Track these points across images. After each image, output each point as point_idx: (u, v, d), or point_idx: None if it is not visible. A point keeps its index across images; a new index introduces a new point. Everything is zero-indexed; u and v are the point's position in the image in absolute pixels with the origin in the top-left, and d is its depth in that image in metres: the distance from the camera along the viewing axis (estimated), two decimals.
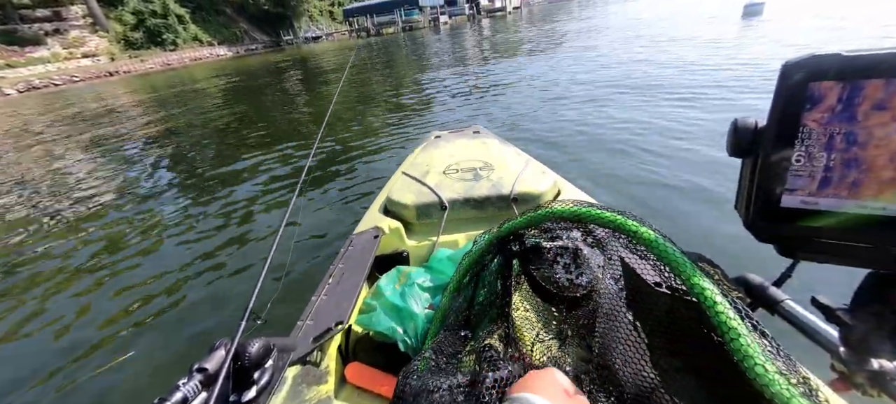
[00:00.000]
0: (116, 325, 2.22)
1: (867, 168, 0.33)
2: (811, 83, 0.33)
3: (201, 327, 2.11)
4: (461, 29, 30.16)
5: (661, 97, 4.91)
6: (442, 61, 12.49)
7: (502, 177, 1.52)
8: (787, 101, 0.35)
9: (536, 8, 55.74)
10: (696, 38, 8.85)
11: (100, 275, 2.78)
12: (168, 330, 2.13)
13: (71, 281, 2.75)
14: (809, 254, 0.40)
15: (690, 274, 0.47)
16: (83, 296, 2.54)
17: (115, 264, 2.89)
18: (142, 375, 1.85)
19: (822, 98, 0.33)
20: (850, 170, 0.33)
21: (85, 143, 7.26)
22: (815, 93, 0.33)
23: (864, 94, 0.32)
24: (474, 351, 0.65)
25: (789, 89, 0.34)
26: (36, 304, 2.54)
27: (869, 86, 0.32)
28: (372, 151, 4.68)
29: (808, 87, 0.33)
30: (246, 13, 45.70)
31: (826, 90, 0.33)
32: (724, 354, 0.42)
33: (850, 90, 0.32)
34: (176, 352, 1.96)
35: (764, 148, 0.37)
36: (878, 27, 7.22)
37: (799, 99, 0.34)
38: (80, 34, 31.90)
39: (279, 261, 0.83)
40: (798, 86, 0.34)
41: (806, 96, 0.34)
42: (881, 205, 0.33)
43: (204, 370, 0.57)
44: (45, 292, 2.66)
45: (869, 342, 0.41)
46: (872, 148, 0.32)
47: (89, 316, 2.35)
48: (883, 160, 0.32)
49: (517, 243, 0.69)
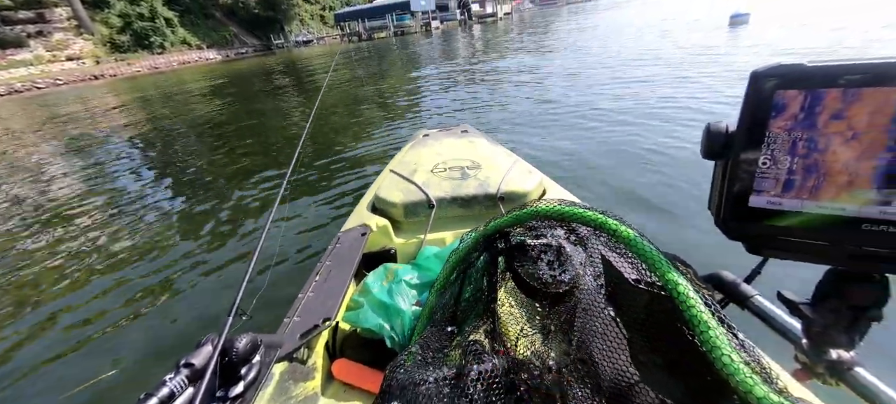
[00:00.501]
0: (103, 321, 2.20)
1: (826, 173, 0.35)
2: (777, 91, 0.35)
3: (188, 323, 2.11)
4: (453, 34, 30.34)
5: (650, 100, 5.01)
6: (432, 64, 12.55)
7: (489, 176, 1.53)
8: (755, 108, 0.37)
9: (527, 14, 56.35)
10: (685, 45, 9.04)
11: (84, 272, 2.74)
12: (154, 326, 2.12)
13: (57, 278, 2.72)
14: (774, 251, 0.42)
15: (665, 270, 0.49)
16: (69, 294, 2.51)
17: (100, 262, 2.85)
18: (128, 370, 1.84)
19: (786, 106, 0.35)
20: (810, 174, 0.36)
21: (67, 145, 7.12)
22: (780, 101, 0.35)
23: (824, 103, 0.34)
24: (460, 345, 0.66)
25: (757, 96, 0.36)
26: (22, 301, 2.51)
27: (828, 95, 0.34)
28: (360, 149, 4.69)
29: (774, 95, 0.36)
30: (236, 17, 45.33)
31: (790, 99, 0.35)
32: (696, 348, 0.44)
33: (812, 99, 0.34)
34: (162, 348, 1.95)
35: (734, 151, 0.39)
36: (859, 35, 7.47)
37: (766, 106, 0.36)
38: (64, 37, 31.27)
39: (266, 258, 0.83)
40: (765, 93, 0.36)
41: (772, 104, 0.36)
42: (839, 205, 0.35)
43: (191, 365, 0.57)
44: (32, 289, 2.63)
45: (828, 334, 0.43)
46: (830, 154, 0.35)
47: (75, 313, 2.32)
48: (840, 166, 0.34)
49: (503, 241, 0.70)
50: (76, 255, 3.01)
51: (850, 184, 0.34)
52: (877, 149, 0.33)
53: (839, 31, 8.20)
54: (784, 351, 0.52)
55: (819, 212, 0.36)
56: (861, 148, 0.34)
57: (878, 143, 0.33)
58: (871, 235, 0.35)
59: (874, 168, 0.33)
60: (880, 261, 0.37)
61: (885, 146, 0.33)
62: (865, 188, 0.34)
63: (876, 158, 0.33)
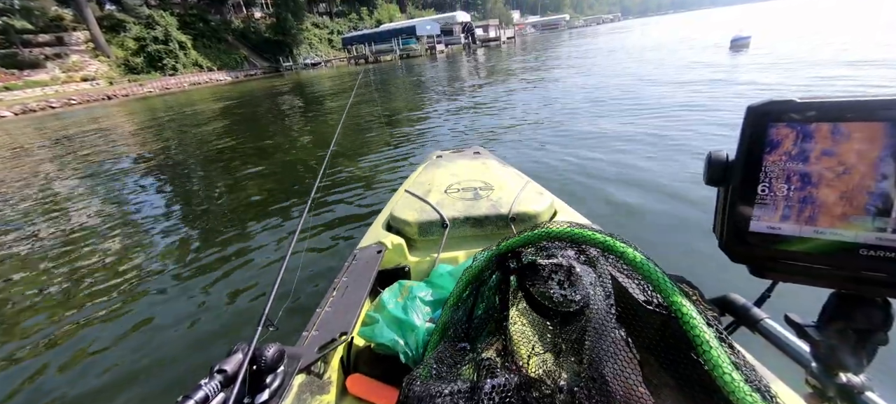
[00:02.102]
0: (139, 335, 2.31)
1: (820, 204, 0.37)
2: (770, 126, 0.37)
3: (219, 330, 2.24)
4: (457, 58, 30.93)
5: (656, 122, 5.06)
6: (440, 87, 12.81)
7: (501, 197, 1.56)
8: (751, 141, 0.39)
9: (529, 38, 57.59)
10: (690, 68, 9.19)
11: (122, 287, 2.88)
12: (191, 333, 2.24)
13: (102, 290, 2.84)
14: (777, 274, 0.43)
15: (670, 292, 0.51)
16: (108, 308, 2.62)
17: (135, 279, 2.98)
18: (165, 373, 1.97)
19: (780, 143, 0.37)
20: (805, 205, 0.37)
21: (93, 163, 7.27)
22: (774, 138, 0.37)
23: (814, 138, 0.36)
24: (473, 361, 0.68)
25: (752, 129, 0.39)
26: (69, 307, 2.66)
27: (819, 130, 0.36)
28: (374, 169, 4.80)
29: (768, 129, 0.38)
30: (247, 40, 46.76)
31: (783, 136, 0.37)
32: (704, 369, 0.45)
33: (803, 135, 0.36)
34: (198, 353, 2.08)
35: (733, 180, 0.41)
36: (845, 60, 7.58)
37: (761, 140, 0.38)
38: (80, 58, 32.33)
39: (290, 273, 0.86)
40: (759, 126, 0.38)
41: (766, 139, 0.38)
42: (836, 232, 0.36)
43: (224, 371, 0.60)
44: (81, 296, 2.78)
45: (836, 358, 0.43)
46: (823, 189, 0.36)
47: (117, 322, 2.45)
48: (834, 198, 0.36)
49: (515, 260, 0.72)
50: (118, 270, 3.15)
51: (845, 214, 0.36)
52: (867, 182, 0.34)
53: (825, 46, 8.38)
54: (798, 376, 0.51)
55: (817, 237, 0.37)
56: (852, 182, 0.35)
57: (869, 176, 0.34)
58: (870, 260, 0.36)
59: (867, 199, 0.35)
60: (880, 285, 0.38)
61: (875, 179, 0.34)
62: (860, 216, 0.35)
63: (867, 191, 0.35)
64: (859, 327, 0.41)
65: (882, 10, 18.75)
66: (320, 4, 58.58)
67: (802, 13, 28.95)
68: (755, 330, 0.57)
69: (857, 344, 0.41)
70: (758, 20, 25.08)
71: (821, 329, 0.44)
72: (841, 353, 0.42)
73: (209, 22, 43.43)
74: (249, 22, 48.65)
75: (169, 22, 36.80)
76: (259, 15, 50.59)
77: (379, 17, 62.41)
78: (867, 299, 0.40)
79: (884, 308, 0.40)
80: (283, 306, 0.81)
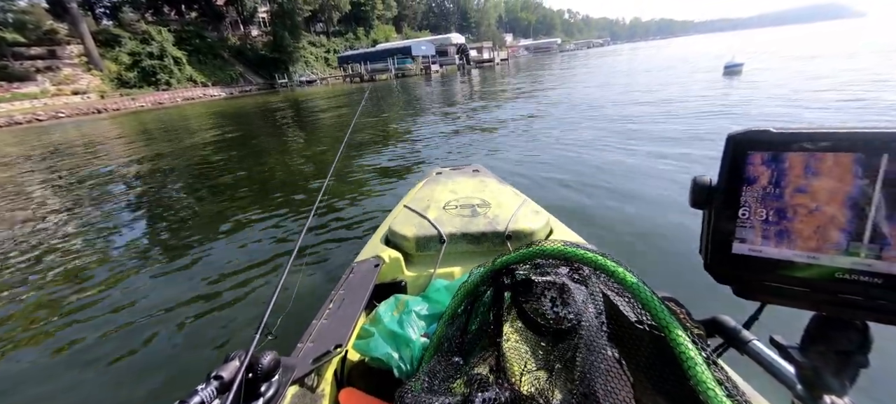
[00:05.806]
0: (137, 339, 2.31)
1: (796, 236, 0.38)
2: (749, 156, 0.39)
3: (217, 337, 2.23)
4: (452, 78, 31.28)
5: (651, 147, 5.15)
6: (434, 106, 13.00)
7: (498, 214, 1.58)
8: (730, 169, 0.40)
9: (523, 60, 58.92)
10: (688, 92, 9.46)
11: (124, 292, 2.89)
12: (188, 339, 2.25)
13: (101, 295, 2.85)
14: (760, 295, 0.44)
15: (658, 310, 0.53)
16: (108, 314, 2.61)
17: (135, 285, 2.99)
18: (160, 378, 1.97)
19: (757, 178, 0.39)
20: (783, 236, 0.39)
21: (95, 174, 7.17)
22: (751, 175, 0.39)
23: (788, 177, 0.38)
24: (465, 375, 0.68)
25: (732, 156, 0.40)
26: (74, 307, 2.69)
27: (792, 159, 0.37)
28: (374, 185, 4.86)
29: (747, 156, 0.39)
30: (243, 57, 47.05)
31: (759, 173, 0.39)
32: (692, 389, 0.47)
33: (778, 169, 0.38)
34: (195, 359, 2.08)
35: (716, 203, 0.42)
36: (834, 86, 7.92)
37: (740, 167, 0.40)
38: (72, 72, 32.09)
39: (289, 283, 0.87)
40: (739, 153, 0.40)
41: (744, 174, 0.39)
42: (813, 256, 0.38)
43: (220, 378, 0.60)
44: (85, 296, 2.82)
45: (819, 379, 0.44)
46: (798, 222, 0.38)
47: (117, 321, 2.48)
48: (809, 231, 0.38)
49: (509, 277, 0.73)
50: (121, 273, 3.18)
51: (820, 242, 0.37)
52: (841, 211, 0.36)
53: (808, 74, 8.77)
54: (786, 397, 0.52)
55: (795, 261, 0.39)
56: (827, 214, 0.37)
57: (842, 205, 0.36)
58: (846, 284, 0.37)
59: (841, 228, 0.36)
60: (857, 308, 0.39)
61: (847, 207, 0.36)
62: (835, 242, 0.37)
63: (841, 221, 0.36)
64: (839, 349, 0.42)
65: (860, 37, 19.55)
66: (318, 24, 59.48)
67: (775, 41, 30.28)
68: (743, 352, 0.58)
69: (839, 366, 0.42)
70: (737, 46, 25.86)
71: (803, 351, 0.45)
72: (824, 375, 0.43)
73: (206, 38, 43.69)
74: (246, 39, 49.08)
75: (165, 38, 36.90)
76: (256, 33, 51.13)
77: (375, 38, 63.40)
78: (846, 322, 0.41)
79: (862, 331, 0.41)
80: (281, 316, 0.82)
